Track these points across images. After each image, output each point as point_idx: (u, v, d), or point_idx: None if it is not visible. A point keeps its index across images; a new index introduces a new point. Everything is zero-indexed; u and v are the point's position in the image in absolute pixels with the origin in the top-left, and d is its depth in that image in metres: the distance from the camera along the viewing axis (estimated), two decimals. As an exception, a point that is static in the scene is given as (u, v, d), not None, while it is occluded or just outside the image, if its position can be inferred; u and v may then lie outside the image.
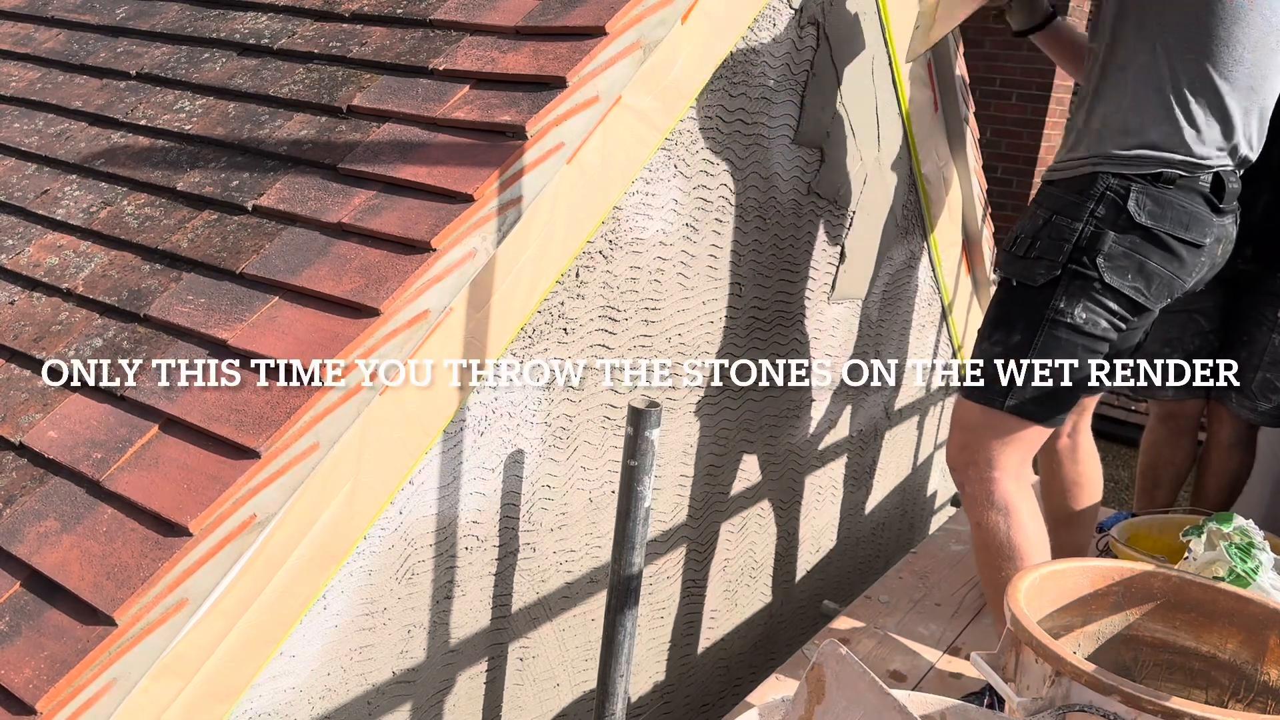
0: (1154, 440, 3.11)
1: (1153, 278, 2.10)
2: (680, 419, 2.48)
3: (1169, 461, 3.10)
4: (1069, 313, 2.11)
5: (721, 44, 2.21)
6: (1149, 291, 2.11)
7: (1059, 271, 2.09)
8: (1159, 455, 3.11)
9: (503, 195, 1.82)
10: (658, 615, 2.63)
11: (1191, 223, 2.09)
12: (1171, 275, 2.11)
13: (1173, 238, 2.08)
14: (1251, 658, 1.74)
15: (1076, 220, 2.10)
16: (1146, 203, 2.07)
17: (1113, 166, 2.10)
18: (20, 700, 1.43)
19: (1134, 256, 2.08)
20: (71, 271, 2.04)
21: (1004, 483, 2.18)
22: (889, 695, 1.34)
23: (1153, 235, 2.07)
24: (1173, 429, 3.08)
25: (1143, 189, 2.08)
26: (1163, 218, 2.07)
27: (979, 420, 2.20)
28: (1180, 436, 3.08)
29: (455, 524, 1.99)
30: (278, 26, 2.40)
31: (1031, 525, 2.19)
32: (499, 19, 2.11)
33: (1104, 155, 2.12)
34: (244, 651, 1.63)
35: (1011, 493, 2.18)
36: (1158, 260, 2.09)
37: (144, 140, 2.29)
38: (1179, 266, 2.11)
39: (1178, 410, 3.06)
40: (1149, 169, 2.08)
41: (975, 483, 2.21)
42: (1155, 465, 3.12)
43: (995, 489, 2.18)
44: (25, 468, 1.74)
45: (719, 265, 2.45)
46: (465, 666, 2.13)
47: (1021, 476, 2.21)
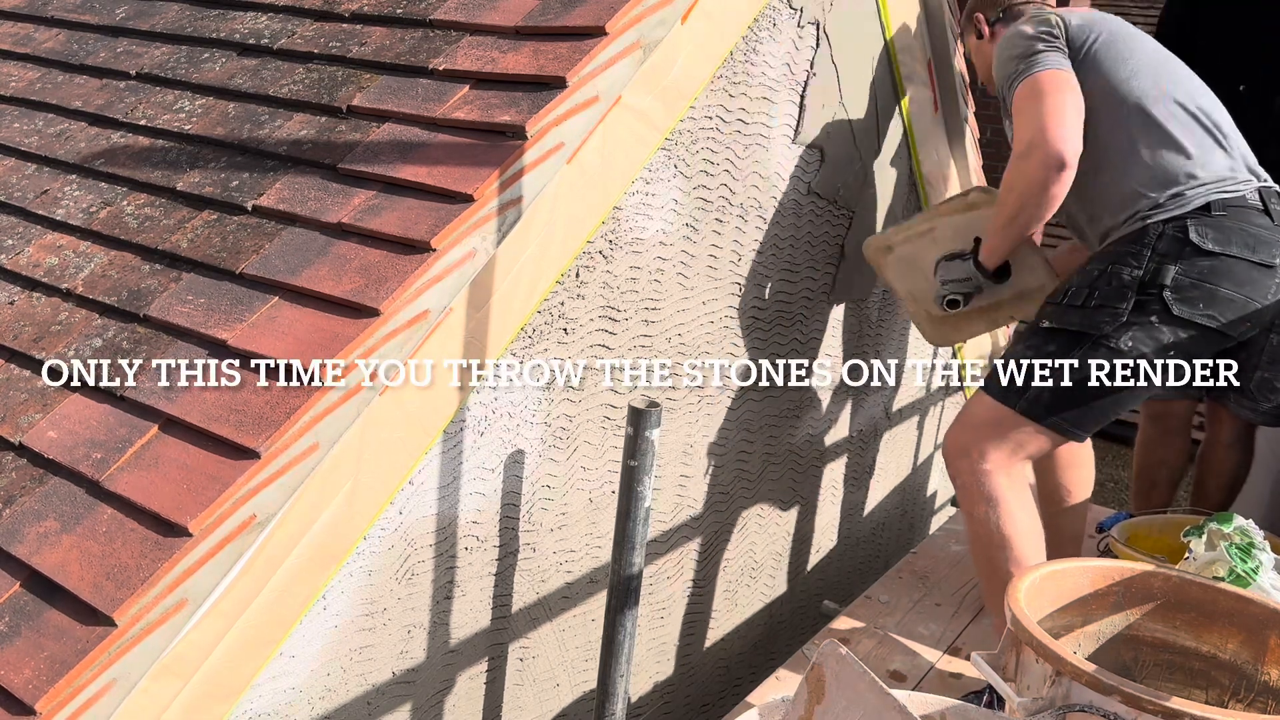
0: (1145, 440, 3.12)
1: (1227, 304, 2.09)
2: (680, 419, 2.48)
3: (1162, 461, 3.10)
4: (1114, 338, 2.09)
5: (721, 44, 2.21)
6: (1224, 317, 2.09)
7: (1124, 319, 2.08)
8: (1151, 456, 3.11)
9: (503, 195, 1.82)
10: (658, 615, 2.63)
11: (1258, 244, 2.09)
12: (1246, 299, 2.10)
13: (1241, 260, 2.08)
14: (1251, 658, 1.74)
15: (1137, 265, 2.10)
16: (1208, 231, 2.08)
17: (1161, 214, 2.13)
18: (20, 700, 1.43)
19: (1203, 286, 2.07)
20: (71, 271, 2.04)
21: (995, 475, 2.18)
22: (889, 695, 1.34)
23: (1221, 261, 2.07)
24: (1162, 429, 3.08)
25: (1198, 220, 2.09)
26: (1228, 242, 2.08)
27: (988, 416, 2.20)
28: (1171, 436, 3.08)
29: (455, 524, 1.99)
30: (278, 26, 2.40)
31: (1022, 515, 2.19)
32: (499, 19, 2.11)
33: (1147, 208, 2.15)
34: (244, 652, 1.63)
35: (1001, 485, 2.18)
36: (1230, 286, 2.08)
37: (144, 140, 2.29)
38: (1253, 289, 2.10)
39: (1166, 410, 3.06)
40: (1196, 204, 2.11)
41: (967, 474, 2.22)
42: (1149, 466, 3.13)
43: (986, 480, 2.18)
44: (25, 468, 1.74)
45: (719, 265, 2.45)
46: (465, 667, 2.13)
47: (1014, 473, 2.20)
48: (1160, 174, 2.18)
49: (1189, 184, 2.15)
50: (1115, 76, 2.24)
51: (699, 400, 2.52)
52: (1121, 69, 2.25)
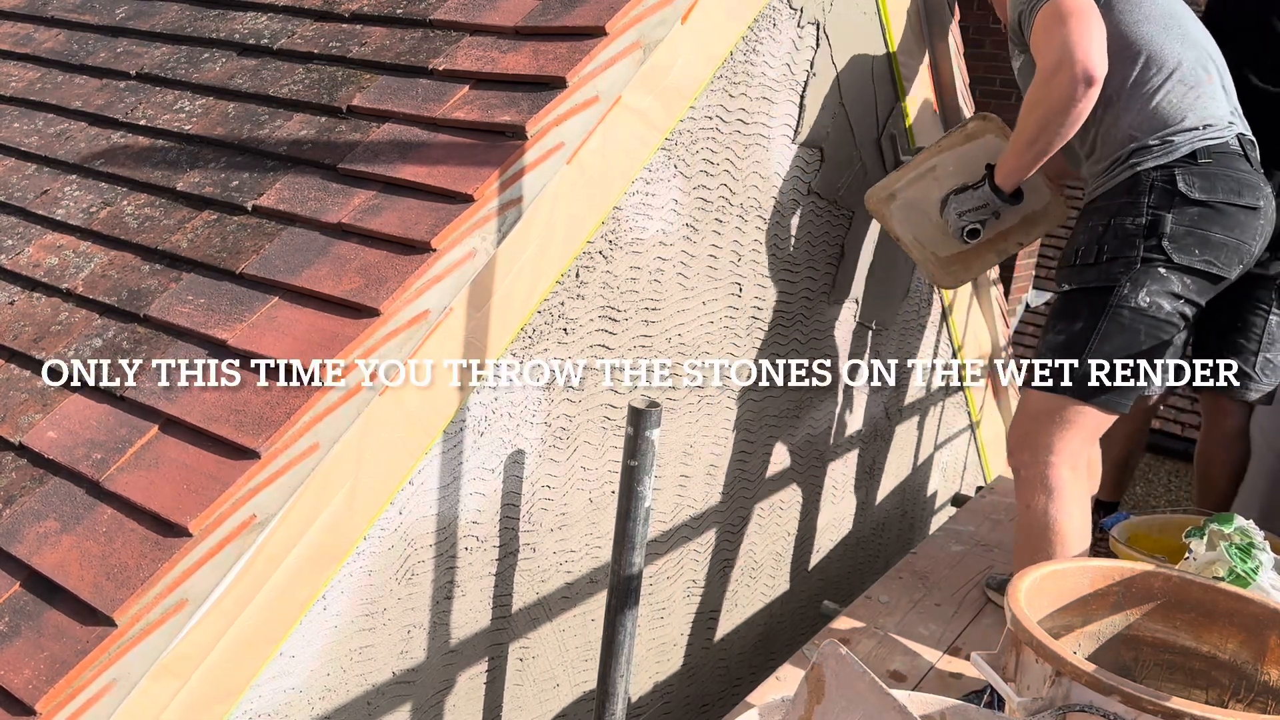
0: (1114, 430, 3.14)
1: (1220, 248, 2.16)
2: (680, 419, 2.48)
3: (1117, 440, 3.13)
4: (1132, 298, 2.15)
5: (721, 44, 2.21)
6: (1220, 261, 2.16)
7: (1138, 264, 2.14)
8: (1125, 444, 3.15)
9: (503, 195, 1.82)
10: (658, 615, 2.63)
11: (1242, 188, 2.17)
12: (1238, 241, 2.17)
13: (1229, 205, 2.15)
14: (1251, 658, 1.74)
15: (1138, 215, 2.17)
16: (1195, 180, 2.15)
17: (1149, 161, 2.19)
18: (20, 701, 1.43)
19: (1196, 232, 2.14)
20: (71, 271, 2.04)
21: (1059, 468, 2.21)
22: (889, 695, 1.34)
23: (1210, 208, 2.15)
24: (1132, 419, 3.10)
25: (1185, 169, 2.16)
26: (1214, 189, 2.15)
27: (1042, 407, 2.23)
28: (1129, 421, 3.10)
29: (455, 524, 1.99)
30: (278, 26, 2.40)
31: (1077, 512, 2.22)
32: (499, 19, 2.11)
33: (1135, 155, 2.21)
34: (244, 652, 1.63)
35: (1065, 478, 2.21)
36: (1220, 230, 2.15)
37: (144, 140, 2.28)
38: (1243, 231, 2.18)
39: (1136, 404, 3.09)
40: (1182, 151, 2.17)
41: (1030, 466, 2.24)
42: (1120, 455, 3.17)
43: (1050, 473, 2.21)
44: (25, 468, 1.74)
45: (719, 265, 2.45)
46: (465, 667, 2.13)
47: (1078, 465, 2.23)
48: (1153, 118, 2.23)
49: (1177, 128, 2.21)
50: (1127, 19, 2.29)
51: (699, 400, 2.52)
52: (1134, 12, 2.30)
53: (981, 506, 3.35)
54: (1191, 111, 2.22)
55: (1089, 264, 2.22)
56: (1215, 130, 2.21)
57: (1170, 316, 2.17)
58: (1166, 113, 2.23)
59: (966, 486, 4.21)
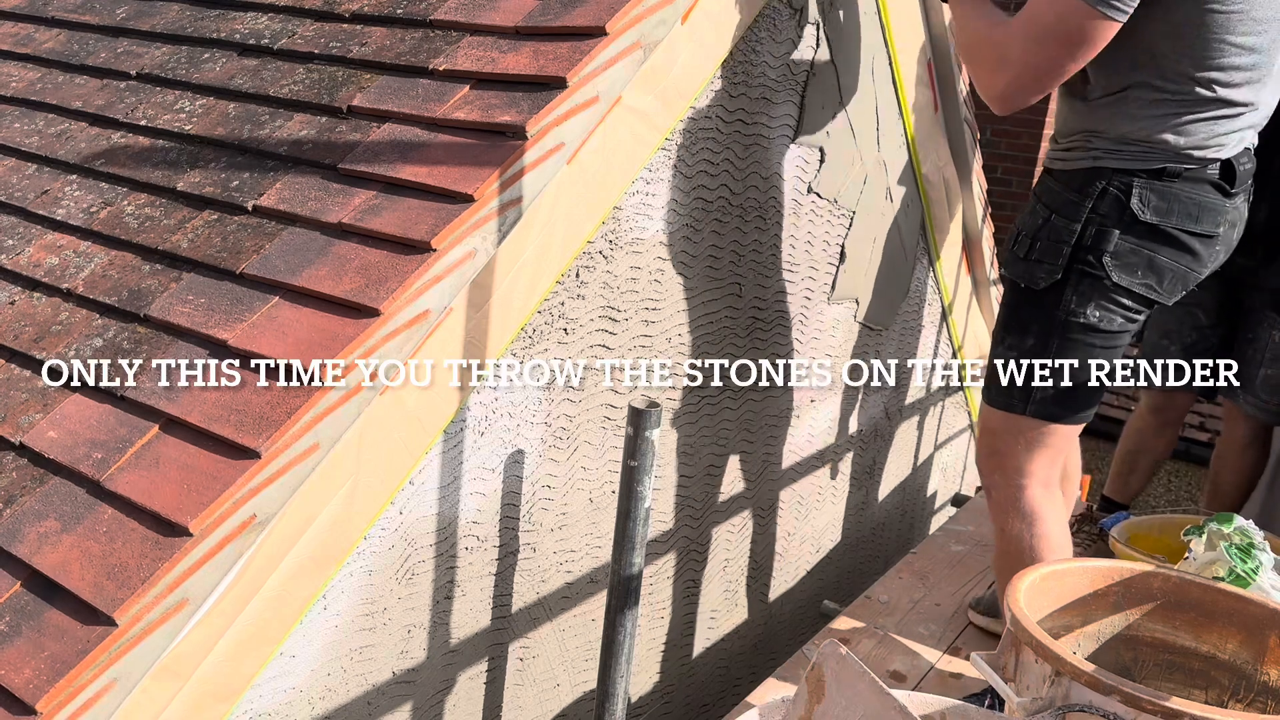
0: (1140, 428, 3.14)
1: (1164, 273, 2.02)
2: (680, 419, 2.48)
3: (1150, 450, 3.14)
4: (1081, 313, 2.04)
5: (721, 44, 2.21)
6: (1161, 287, 2.04)
7: (1059, 275, 2.03)
8: (1142, 442, 3.14)
9: (503, 195, 1.82)
10: (658, 615, 2.63)
11: (1202, 214, 2.01)
12: (1185, 270, 2.04)
13: (1183, 232, 2.00)
14: (1251, 658, 1.74)
15: (1075, 220, 2.02)
16: (1151, 199, 1.98)
17: (1115, 161, 2.00)
18: (20, 700, 1.43)
19: (1142, 253, 2.00)
20: (71, 271, 2.04)
21: (1031, 489, 2.13)
22: (889, 695, 1.34)
23: (1160, 232, 1.99)
24: (1161, 420, 3.10)
25: (1146, 185, 1.98)
26: (1169, 213, 1.99)
27: (1003, 426, 2.15)
28: (1167, 428, 3.11)
29: (455, 524, 1.99)
30: (278, 27, 2.40)
31: (1057, 533, 2.14)
32: (499, 19, 2.11)
33: (1105, 148, 2.01)
34: (244, 652, 1.63)
35: (1039, 499, 2.13)
36: (1168, 256, 2.01)
37: (144, 140, 2.29)
38: (1192, 260, 2.04)
39: (1168, 403, 3.09)
40: (1153, 164, 1.98)
41: (1002, 488, 2.17)
42: (1136, 451, 3.16)
43: (1022, 495, 2.14)
44: (25, 468, 1.74)
45: (719, 265, 2.45)
46: (465, 666, 2.13)
47: (1050, 482, 2.16)
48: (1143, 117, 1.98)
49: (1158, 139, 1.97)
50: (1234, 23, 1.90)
51: (699, 400, 2.52)
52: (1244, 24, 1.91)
53: (981, 506, 3.35)
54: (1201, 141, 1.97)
55: (1019, 257, 2.09)
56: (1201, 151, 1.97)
57: (1123, 328, 2.07)
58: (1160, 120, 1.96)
59: (966, 486, 4.21)
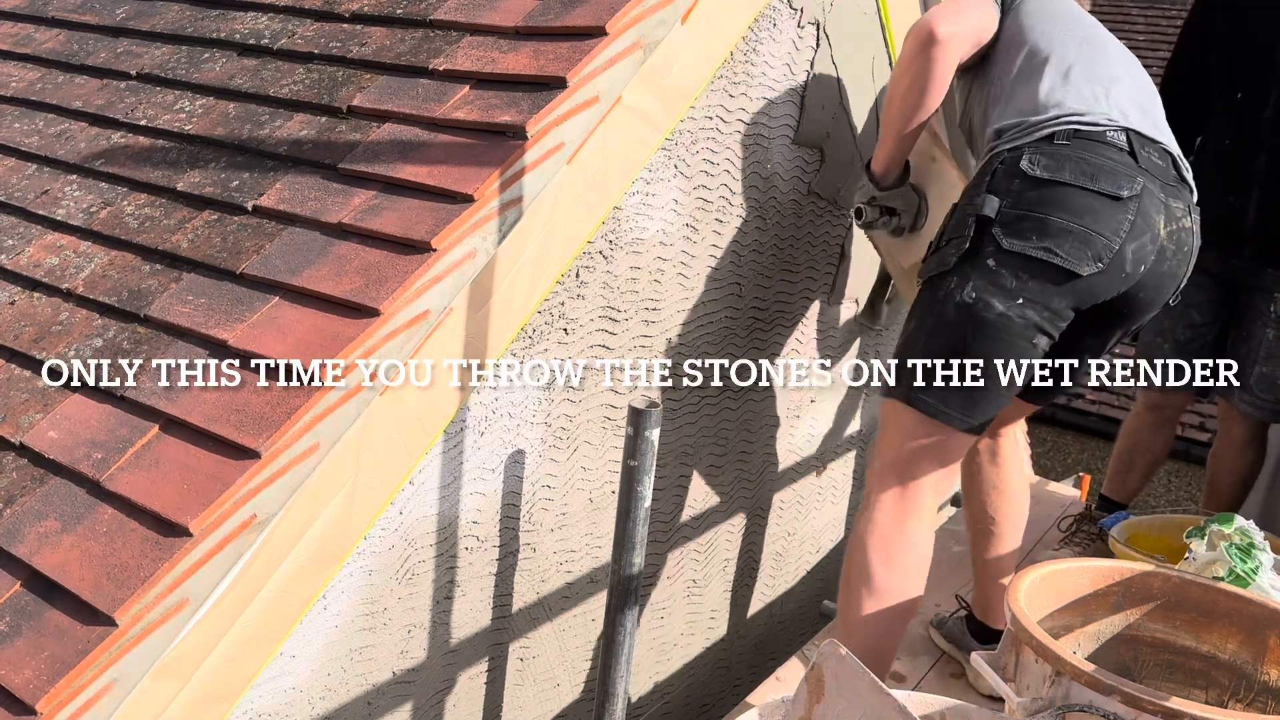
0: (1137, 426, 3.15)
1: (1063, 235, 1.85)
2: (680, 419, 2.48)
3: (1148, 448, 3.15)
4: (958, 292, 1.90)
5: (721, 44, 2.21)
6: (1063, 251, 1.85)
7: (966, 251, 1.91)
8: (1139, 441, 3.15)
9: (503, 195, 1.82)
10: (658, 615, 2.63)
11: (1099, 173, 1.88)
12: (1087, 231, 1.85)
13: (1077, 187, 1.87)
14: (1251, 658, 1.74)
15: (976, 196, 1.94)
16: (1040, 159, 1.90)
17: (1004, 143, 1.98)
18: (20, 701, 1.43)
19: (1033, 215, 1.87)
20: (71, 272, 2.04)
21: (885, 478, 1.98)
22: (889, 695, 1.34)
23: (1052, 188, 1.87)
24: (1158, 418, 3.11)
25: (1036, 148, 1.93)
26: (1060, 169, 1.88)
27: (886, 416, 2.04)
28: (1164, 426, 3.13)
29: (455, 524, 1.99)
30: (278, 27, 2.40)
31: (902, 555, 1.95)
32: (499, 19, 2.11)
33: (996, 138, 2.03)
34: (244, 652, 1.63)
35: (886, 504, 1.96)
36: (1064, 215, 1.86)
37: (144, 140, 2.29)
38: (1094, 220, 1.85)
39: (1165, 401, 3.10)
40: (1040, 133, 1.94)
41: (868, 477, 2.05)
42: (1133, 450, 3.17)
43: (874, 484, 1.99)
44: (25, 468, 1.74)
45: (719, 265, 2.45)
46: (465, 666, 2.13)
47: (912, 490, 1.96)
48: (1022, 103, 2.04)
49: (1043, 114, 1.98)
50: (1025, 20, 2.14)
51: (699, 400, 2.52)
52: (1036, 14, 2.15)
53: (981, 506, 3.35)
54: (1067, 103, 1.99)
55: (933, 252, 2.01)
56: (1088, 119, 1.95)
57: (1004, 319, 1.87)
58: (1038, 101, 2.01)
59: (966, 486, 4.21)
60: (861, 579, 1.97)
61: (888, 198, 2.39)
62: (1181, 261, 2.00)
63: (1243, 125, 2.78)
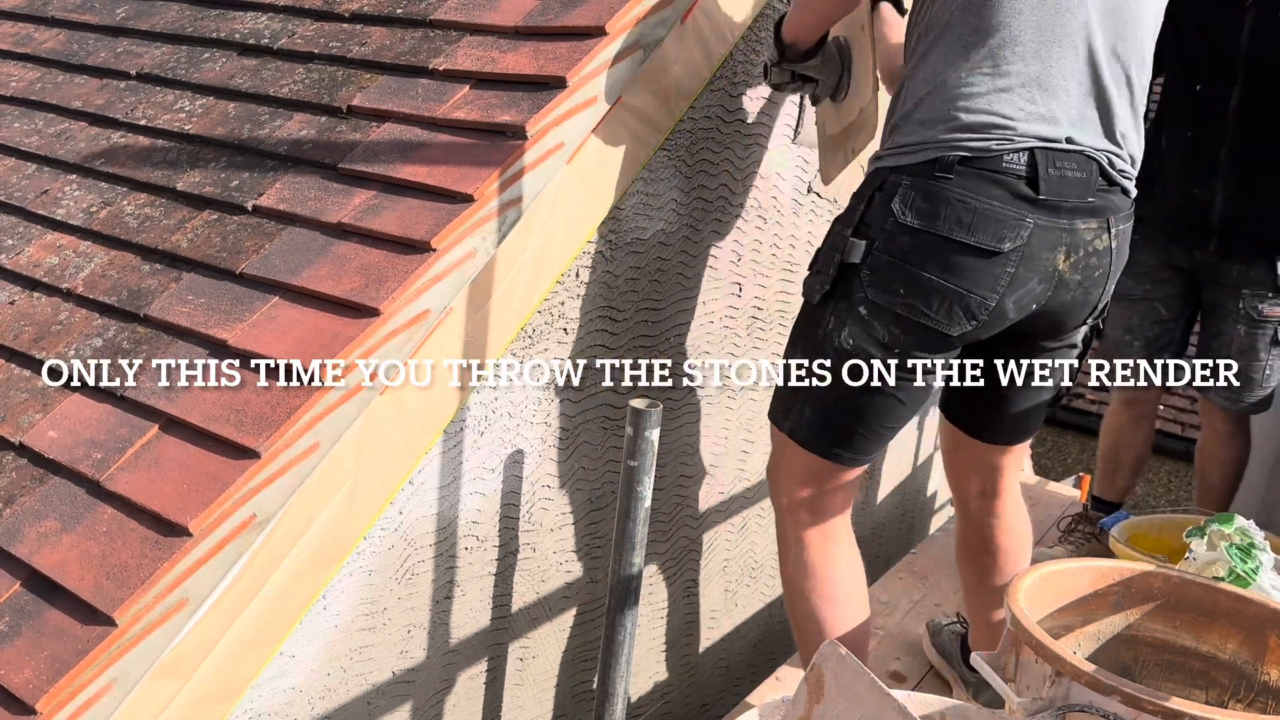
0: (1116, 425, 3.17)
1: (932, 294, 1.67)
2: (680, 419, 2.48)
3: (1130, 445, 3.17)
4: (835, 336, 1.76)
5: (721, 44, 2.21)
6: (931, 310, 1.68)
7: (829, 286, 1.76)
8: (1120, 438, 3.17)
9: (503, 195, 1.82)
10: (658, 615, 2.63)
11: (977, 222, 1.64)
12: (959, 290, 1.66)
13: (951, 241, 1.65)
14: (1251, 658, 1.74)
15: (848, 226, 1.75)
16: (913, 198, 1.67)
17: (892, 159, 1.73)
18: (20, 700, 1.43)
19: (903, 267, 1.68)
20: (71, 271, 2.04)
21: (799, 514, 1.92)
22: (889, 695, 1.34)
23: (926, 237, 1.66)
24: (1135, 414, 3.13)
25: (912, 183, 1.68)
26: (934, 215, 1.66)
27: (781, 450, 1.95)
28: (1143, 421, 3.14)
29: (455, 524, 1.99)
30: (278, 26, 2.40)
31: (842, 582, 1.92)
32: (499, 19, 2.11)
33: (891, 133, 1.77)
34: (244, 651, 1.63)
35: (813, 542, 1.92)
36: (935, 272, 1.66)
37: (144, 140, 2.29)
38: (967, 278, 1.66)
39: (1140, 396, 3.12)
40: (926, 155, 1.68)
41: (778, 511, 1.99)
42: (1116, 447, 3.19)
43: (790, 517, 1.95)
44: (25, 468, 1.74)
45: (719, 265, 2.45)
46: (465, 666, 2.13)
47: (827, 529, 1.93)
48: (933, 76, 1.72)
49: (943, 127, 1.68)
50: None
51: (699, 400, 2.52)
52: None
53: (981, 506, 3.35)
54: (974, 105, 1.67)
55: (808, 271, 1.84)
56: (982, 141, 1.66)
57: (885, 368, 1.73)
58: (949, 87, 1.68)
59: (966, 486, 4.20)
60: (811, 624, 1.92)
61: (802, 67, 2.11)
62: (1093, 286, 1.79)
63: (1205, 117, 2.77)
